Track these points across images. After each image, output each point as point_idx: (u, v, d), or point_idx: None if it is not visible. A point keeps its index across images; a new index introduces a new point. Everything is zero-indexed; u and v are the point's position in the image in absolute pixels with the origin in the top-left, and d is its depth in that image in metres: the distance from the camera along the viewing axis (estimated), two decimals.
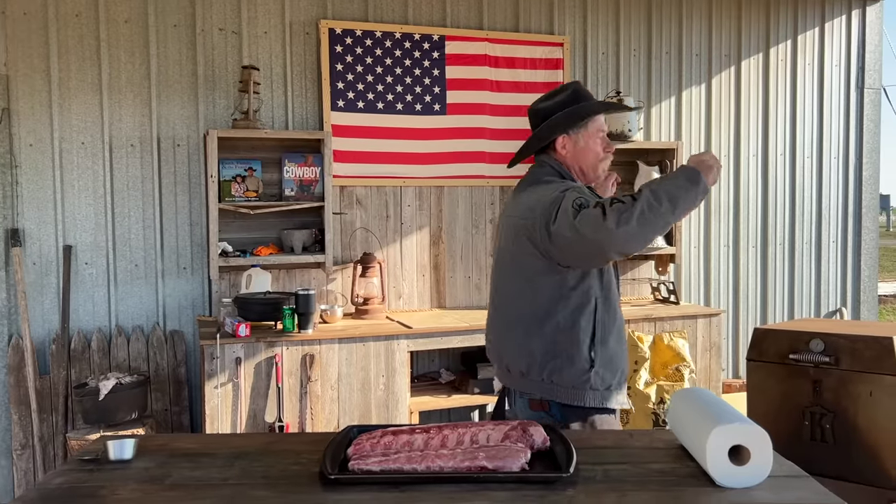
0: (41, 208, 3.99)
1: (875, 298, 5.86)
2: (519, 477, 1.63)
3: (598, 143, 2.35)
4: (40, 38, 3.95)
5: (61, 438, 3.94)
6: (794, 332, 3.47)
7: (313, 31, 4.37)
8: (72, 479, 1.67)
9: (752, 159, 5.41)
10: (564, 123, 2.34)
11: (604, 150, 2.37)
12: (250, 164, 4.13)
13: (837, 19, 5.62)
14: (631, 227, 1.98)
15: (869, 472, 3.25)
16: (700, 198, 2.06)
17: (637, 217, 1.98)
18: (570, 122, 2.33)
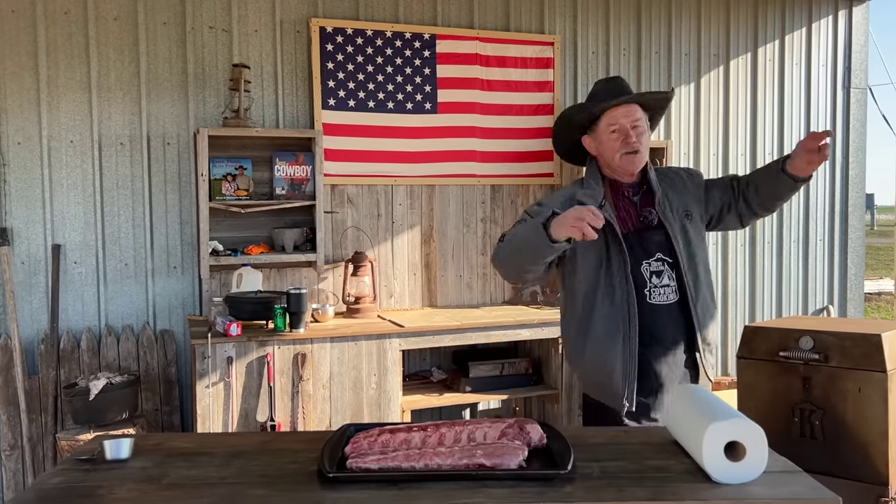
0: (29, 207, 3.96)
1: (861, 296, 5.91)
2: (517, 474, 1.64)
3: (611, 138, 2.35)
4: (28, 35, 3.92)
5: (51, 439, 3.91)
6: (783, 329, 3.50)
7: (304, 29, 4.36)
8: (69, 478, 1.66)
9: (741, 158, 5.44)
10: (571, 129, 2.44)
11: (622, 142, 2.34)
12: (241, 162, 4.12)
13: (824, 20, 5.67)
14: (496, 261, 2.32)
15: (857, 468, 3.28)
16: (547, 249, 2.10)
17: (497, 254, 2.31)
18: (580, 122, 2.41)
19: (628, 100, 2.37)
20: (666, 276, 2.35)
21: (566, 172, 4.79)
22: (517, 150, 4.76)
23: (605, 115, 2.35)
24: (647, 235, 2.36)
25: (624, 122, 2.33)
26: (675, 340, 2.39)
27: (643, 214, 2.38)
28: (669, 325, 2.37)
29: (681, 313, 2.38)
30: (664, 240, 2.36)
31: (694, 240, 2.40)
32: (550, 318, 4.29)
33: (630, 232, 2.36)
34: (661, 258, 2.35)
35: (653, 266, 2.34)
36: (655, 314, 2.34)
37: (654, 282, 2.34)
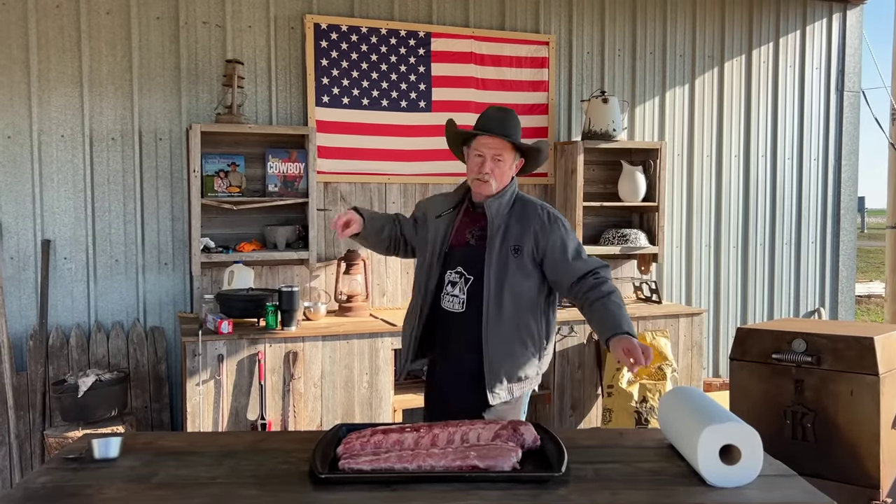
0: (19, 202, 3.92)
1: (852, 299, 5.93)
2: (511, 476, 1.63)
3: (474, 161, 2.56)
4: (20, 28, 3.88)
5: (39, 436, 3.87)
6: (776, 331, 3.50)
7: (298, 25, 4.33)
8: (56, 477, 1.64)
9: (734, 160, 5.45)
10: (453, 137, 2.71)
11: (477, 169, 2.54)
12: (233, 159, 4.09)
13: (818, 22, 5.68)
14: None
15: (849, 470, 3.28)
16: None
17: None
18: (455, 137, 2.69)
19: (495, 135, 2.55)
20: (458, 287, 2.53)
21: (560, 173, 4.78)
22: None
23: (478, 139, 2.56)
24: (460, 248, 2.57)
25: (487, 153, 2.53)
26: (461, 350, 2.54)
27: (471, 231, 2.59)
28: (452, 332, 2.56)
29: (470, 328, 2.51)
30: (472, 257, 2.53)
31: (512, 272, 2.50)
32: None
33: (453, 244, 2.59)
34: (460, 271, 2.53)
35: (451, 276, 2.54)
36: (443, 319, 2.56)
37: (448, 289, 2.54)
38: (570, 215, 4.66)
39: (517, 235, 2.53)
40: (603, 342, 2.41)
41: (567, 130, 4.95)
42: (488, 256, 2.50)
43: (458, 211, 2.64)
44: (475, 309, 2.49)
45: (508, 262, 2.50)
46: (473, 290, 2.50)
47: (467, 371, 2.52)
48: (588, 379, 4.36)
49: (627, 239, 4.74)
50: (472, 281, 2.51)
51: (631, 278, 5.05)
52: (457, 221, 2.62)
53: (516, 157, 2.63)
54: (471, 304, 2.50)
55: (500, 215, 2.56)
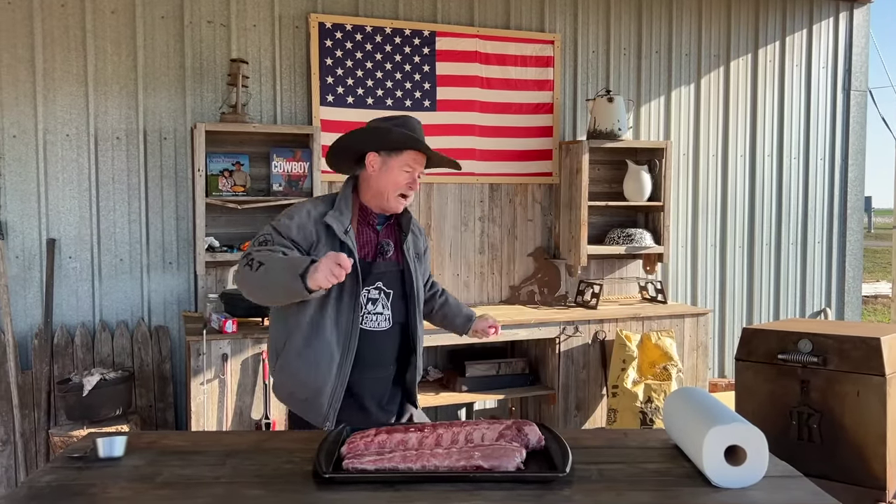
0: (24, 201, 3.92)
1: (859, 299, 5.91)
2: (515, 476, 1.62)
3: (402, 174, 2.37)
4: (25, 27, 3.89)
5: (44, 435, 3.88)
6: (782, 332, 3.49)
7: (303, 24, 4.33)
8: (61, 476, 1.64)
9: (740, 159, 5.43)
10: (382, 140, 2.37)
11: (407, 185, 2.38)
12: (238, 158, 4.09)
13: (825, 21, 5.66)
14: (239, 281, 2.28)
15: (855, 471, 3.27)
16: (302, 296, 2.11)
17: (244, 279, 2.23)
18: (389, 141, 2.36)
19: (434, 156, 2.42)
20: (381, 304, 2.41)
21: (565, 172, 4.77)
22: (516, 149, 4.75)
23: (410, 151, 2.37)
24: (378, 266, 2.41)
25: (419, 169, 2.40)
26: (385, 366, 2.45)
27: (381, 245, 2.43)
28: (380, 350, 2.42)
29: (395, 341, 2.45)
30: (390, 271, 2.43)
31: (420, 281, 2.53)
32: (548, 318, 4.28)
33: (364, 260, 2.39)
34: (379, 287, 2.40)
35: (371, 294, 2.38)
36: (365, 339, 2.37)
37: (369, 308, 2.38)
38: (575, 215, 4.65)
39: (415, 245, 2.55)
40: (464, 328, 2.72)
41: (572, 129, 4.94)
42: (411, 267, 2.46)
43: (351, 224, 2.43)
44: (400, 323, 2.44)
45: (418, 271, 2.52)
46: (395, 304, 2.43)
47: (388, 385, 2.47)
48: (593, 379, 4.35)
49: (633, 239, 4.73)
50: (393, 295, 2.43)
51: (636, 278, 5.03)
52: (360, 237, 2.43)
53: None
54: (395, 319, 2.43)
55: (407, 225, 2.50)
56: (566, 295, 4.87)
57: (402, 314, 2.45)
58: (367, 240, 2.42)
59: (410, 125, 2.41)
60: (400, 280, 2.45)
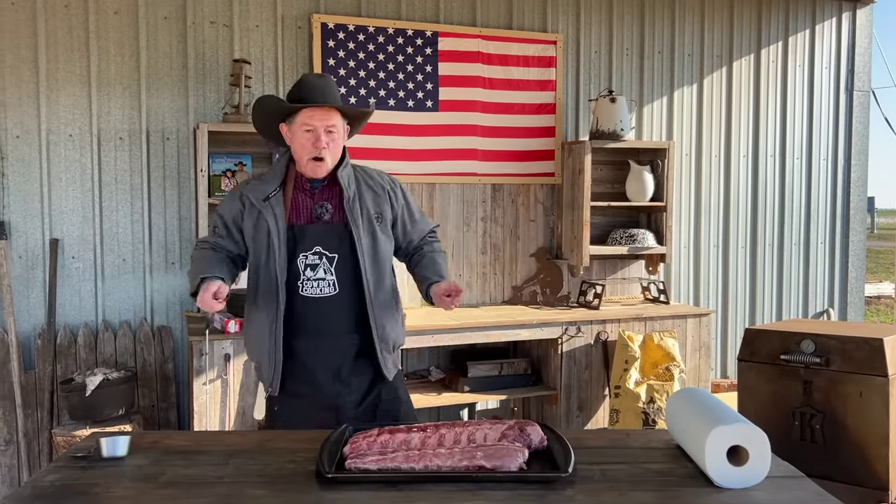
0: (28, 201, 3.93)
1: (862, 300, 5.90)
2: (518, 476, 1.62)
3: (304, 137, 2.33)
4: (28, 28, 3.89)
5: (46, 434, 3.89)
6: (784, 332, 3.49)
7: (305, 25, 4.34)
8: (65, 476, 1.64)
9: (743, 160, 5.43)
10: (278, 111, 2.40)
11: (312, 145, 2.32)
12: (240, 158, 4.10)
13: (828, 21, 5.65)
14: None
15: (857, 472, 3.27)
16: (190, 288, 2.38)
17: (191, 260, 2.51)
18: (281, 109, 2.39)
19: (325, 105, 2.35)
20: (322, 269, 2.34)
21: (567, 172, 4.77)
22: (518, 149, 4.74)
23: (302, 112, 2.33)
24: (313, 229, 2.35)
25: (318, 125, 2.31)
26: (336, 335, 2.37)
27: (317, 208, 2.38)
28: (327, 318, 2.35)
29: (349, 308, 2.36)
30: (331, 233, 2.35)
31: (381, 240, 2.42)
32: (550, 318, 4.28)
33: (296, 225, 2.36)
34: (319, 252, 2.33)
35: (309, 259, 2.33)
36: (309, 306, 2.33)
37: (308, 274, 2.33)
38: (577, 215, 4.65)
39: (374, 203, 2.42)
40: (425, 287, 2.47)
41: (574, 130, 4.94)
42: (355, 230, 2.34)
43: (282, 190, 2.40)
44: (350, 288, 2.34)
45: (375, 231, 2.40)
46: (341, 268, 2.34)
47: (346, 356, 2.37)
48: (595, 379, 4.35)
49: (635, 239, 4.73)
50: (337, 259, 2.34)
51: (639, 278, 5.03)
52: (288, 200, 2.39)
53: (344, 125, 2.43)
54: (342, 284, 2.33)
55: (352, 185, 2.40)
56: (568, 295, 4.87)
57: (350, 278, 2.34)
58: (301, 205, 2.39)
59: (302, 84, 2.37)
60: (348, 242, 2.35)
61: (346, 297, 2.35)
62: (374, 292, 2.37)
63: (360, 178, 2.45)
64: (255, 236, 2.38)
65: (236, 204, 2.42)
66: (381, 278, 2.41)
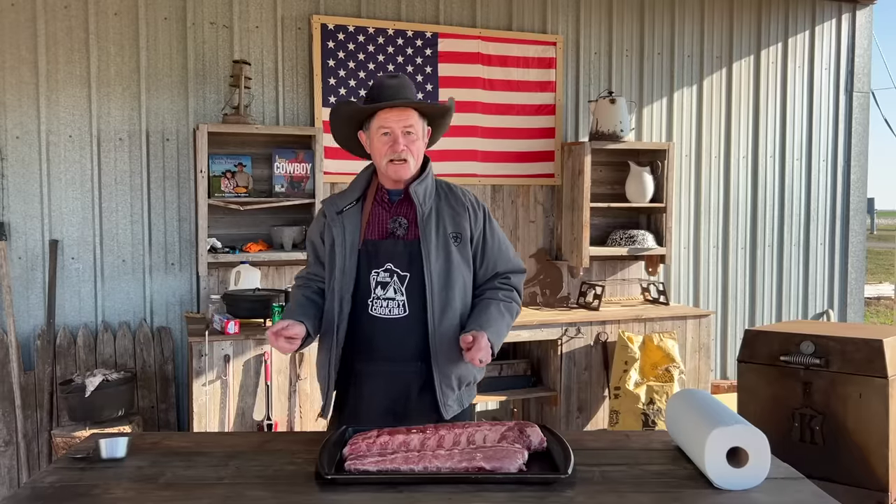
0: (27, 202, 3.93)
1: (861, 301, 5.90)
2: (517, 478, 1.62)
3: (381, 140, 2.19)
4: (28, 29, 3.89)
5: (46, 435, 3.88)
6: (784, 333, 3.49)
7: (305, 26, 4.34)
8: (64, 477, 1.64)
9: (742, 161, 5.43)
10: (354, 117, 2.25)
11: (390, 148, 2.18)
12: (240, 159, 4.10)
13: (828, 23, 5.65)
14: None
15: (857, 473, 3.27)
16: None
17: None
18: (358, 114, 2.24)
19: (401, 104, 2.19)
20: (392, 288, 2.19)
21: (567, 173, 4.77)
22: (518, 150, 4.75)
23: (378, 115, 2.19)
24: (386, 245, 2.21)
25: (395, 127, 2.18)
26: (404, 362, 2.19)
27: (391, 223, 2.24)
28: (395, 342, 2.18)
29: (417, 333, 2.19)
30: (403, 251, 2.20)
31: (456, 262, 2.23)
32: (550, 319, 4.28)
33: (369, 240, 2.23)
34: (390, 269, 2.19)
35: (380, 276, 2.19)
36: (377, 327, 2.18)
37: (378, 293, 2.18)
38: (577, 216, 4.65)
39: (453, 221, 2.25)
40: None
41: (574, 131, 4.94)
42: (425, 248, 2.18)
43: (362, 203, 2.27)
44: (419, 311, 2.17)
45: (451, 251, 2.21)
46: (412, 289, 2.17)
47: (409, 386, 2.18)
48: (595, 381, 4.35)
49: (635, 240, 4.73)
50: (409, 278, 2.18)
51: (638, 279, 5.03)
52: (366, 214, 2.25)
53: (424, 125, 2.27)
54: (413, 306, 2.17)
55: (428, 200, 2.24)
56: (568, 296, 4.87)
57: (420, 301, 2.17)
58: (377, 219, 2.25)
59: (376, 86, 2.23)
60: (419, 262, 2.18)
61: (415, 321, 2.18)
62: (439, 318, 2.18)
63: (441, 193, 2.29)
64: (331, 251, 2.25)
65: (320, 220, 2.31)
66: (450, 303, 2.20)
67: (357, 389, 2.21)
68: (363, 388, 2.20)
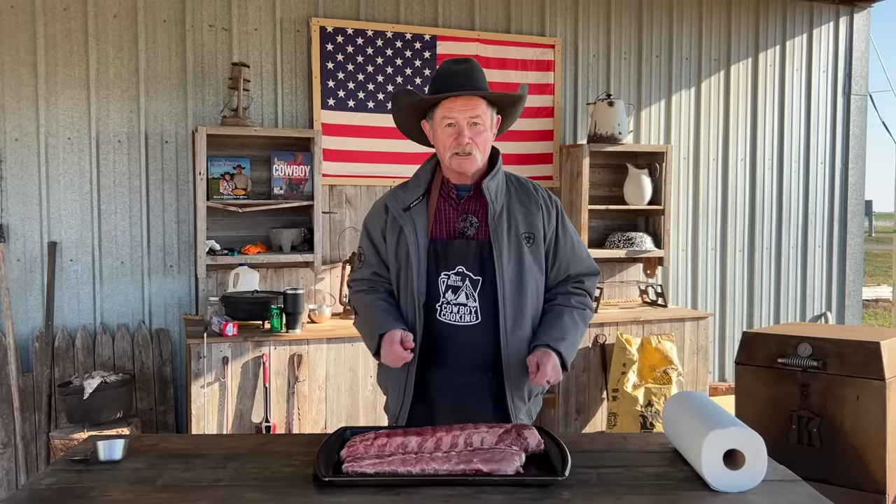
0: (26, 204, 3.93)
1: (859, 303, 5.91)
2: (514, 480, 1.63)
3: (445, 132, 2.03)
4: (27, 31, 3.90)
5: (44, 438, 3.88)
6: (782, 335, 3.50)
7: (304, 28, 4.34)
8: (62, 479, 1.64)
9: (741, 163, 5.44)
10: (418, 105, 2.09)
11: (454, 140, 2.02)
12: (239, 161, 4.10)
13: (825, 26, 5.66)
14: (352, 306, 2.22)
15: (854, 475, 3.27)
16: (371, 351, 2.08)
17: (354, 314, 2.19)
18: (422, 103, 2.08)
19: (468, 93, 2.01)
20: (464, 293, 2.04)
21: (565, 176, 4.78)
22: (516, 153, 4.75)
23: (442, 104, 2.02)
24: (457, 246, 2.05)
25: (460, 118, 2.01)
26: (477, 372, 2.05)
27: (461, 221, 2.08)
28: (466, 351, 2.04)
29: (490, 341, 2.04)
30: (475, 253, 2.04)
31: (528, 265, 2.07)
32: None
33: (438, 239, 2.07)
34: (462, 272, 2.03)
35: (451, 280, 2.03)
36: (445, 334, 2.03)
37: (448, 297, 2.03)
38: (575, 218, 4.65)
39: (525, 220, 2.08)
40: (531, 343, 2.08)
41: (573, 133, 4.95)
42: (497, 249, 2.02)
43: (426, 199, 2.10)
44: (492, 318, 2.02)
45: (523, 253, 2.05)
46: (484, 294, 2.02)
47: (480, 400, 2.06)
48: (593, 383, 4.36)
49: (633, 242, 4.74)
50: (482, 283, 2.02)
51: (637, 282, 5.04)
52: (432, 211, 2.08)
53: (493, 115, 2.10)
54: (486, 313, 2.02)
55: (500, 197, 2.07)
56: None
57: (493, 307, 2.02)
58: (445, 216, 2.08)
59: (441, 72, 2.06)
60: (492, 264, 2.02)
61: (487, 329, 2.03)
62: (511, 325, 2.03)
63: (511, 188, 2.12)
64: (396, 251, 2.08)
65: (381, 216, 2.13)
66: (523, 309, 2.05)
67: (426, 404, 2.06)
68: (434, 402, 2.06)
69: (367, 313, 2.10)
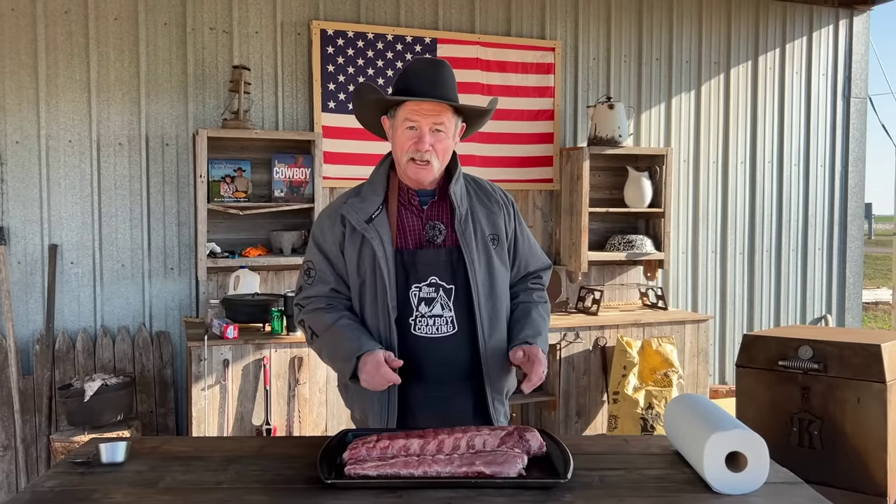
0: (27, 206, 3.94)
1: (859, 306, 5.91)
2: (517, 482, 1.62)
3: (405, 135, 1.93)
4: (28, 34, 3.90)
5: (45, 440, 3.88)
6: (782, 338, 3.50)
7: (305, 31, 4.35)
8: (64, 481, 1.64)
9: (741, 166, 5.44)
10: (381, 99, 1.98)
11: (413, 144, 1.92)
12: (240, 164, 4.10)
13: (825, 29, 5.67)
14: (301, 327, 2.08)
15: (855, 478, 3.27)
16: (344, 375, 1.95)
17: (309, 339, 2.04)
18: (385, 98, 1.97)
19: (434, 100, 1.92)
20: (439, 304, 1.96)
21: (565, 178, 4.78)
22: (517, 155, 4.76)
23: (406, 104, 1.92)
24: (426, 255, 1.97)
25: (423, 122, 1.91)
26: (456, 383, 2.00)
27: (428, 229, 1.99)
28: (446, 363, 1.98)
29: (467, 350, 1.99)
30: (445, 261, 1.97)
31: (497, 267, 2.01)
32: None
33: (405, 250, 1.97)
34: (435, 283, 1.96)
35: (423, 292, 1.95)
36: (421, 347, 1.95)
37: (423, 310, 1.95)
38: (575, 221, 4.66)
39: (489, 221, 2.03)
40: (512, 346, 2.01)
41: (573, 136, 4.95)
42: (468, 255, 1.95)
43: (385, 207, 1.99)
44: (468, 326, 1.97)
45: (491, 256, 2.00)
46: (458, 302, 1.96)
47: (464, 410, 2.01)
48: (594, 385, 4.36)
49: (633, 245, 4.74)
50: (454, 291, 1.96)
51: (637, 284, 5.04)
52: (393, 219, 1.98)
53: (458, 123, 2.01)
54: (461, 322, 1.96)
55: (464, 201, 2.00)
56: (567, 301, 4.87)
57: (468, 315, 1.97)
58: (408, 224, 1.99)
59: (412, 69, 1.97)
60: (463, 271, 1.96)
61: (464, 337, 1.97)
62: (489, 331, 1.98)
63: (472, 191, 2.07)
64: (358, 265, 1.97)
65: (336, 229, 2.00)
66: (497, 312, 2.00)
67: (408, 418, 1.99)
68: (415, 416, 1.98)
69: (333, 334, 1.97)
